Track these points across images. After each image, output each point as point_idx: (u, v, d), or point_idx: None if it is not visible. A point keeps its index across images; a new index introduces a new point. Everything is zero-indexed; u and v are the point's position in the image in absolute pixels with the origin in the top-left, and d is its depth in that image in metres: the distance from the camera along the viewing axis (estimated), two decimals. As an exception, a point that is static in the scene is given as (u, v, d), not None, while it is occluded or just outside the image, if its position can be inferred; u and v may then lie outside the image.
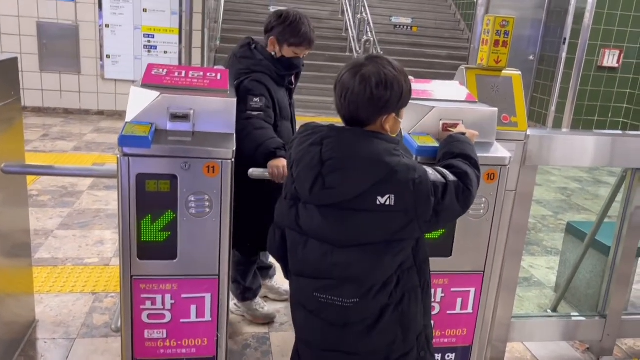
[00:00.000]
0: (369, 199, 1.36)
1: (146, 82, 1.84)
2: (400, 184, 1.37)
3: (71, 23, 7.21)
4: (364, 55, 1.50)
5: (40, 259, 3.33)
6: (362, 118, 1.43)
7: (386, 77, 1.40)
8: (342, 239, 1.42)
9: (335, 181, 1.37)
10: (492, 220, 1.90)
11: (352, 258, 1.43)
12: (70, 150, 5.79)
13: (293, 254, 1.52)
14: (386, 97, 1.41)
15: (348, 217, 1.40)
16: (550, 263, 3.85)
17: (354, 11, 10.13)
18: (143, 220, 1.70)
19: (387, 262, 1.44)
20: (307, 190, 1.41)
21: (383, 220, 1.39)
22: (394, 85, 1.41)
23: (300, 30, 2.33)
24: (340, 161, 1.37)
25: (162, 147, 1.65)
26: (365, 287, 1.45)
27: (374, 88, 1.39)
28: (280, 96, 2.41)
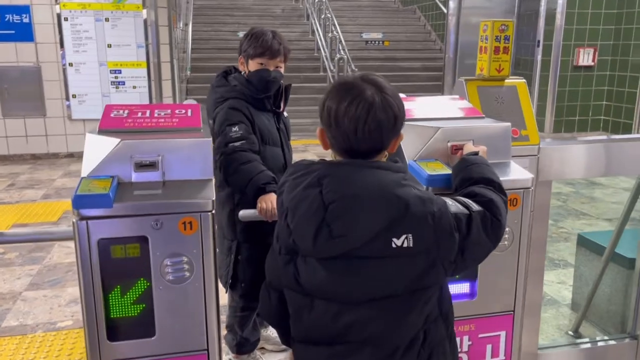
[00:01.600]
0: (382, 243, 1.15)
1: (104, 127, 1.57)
2: (417, 219, 1.16)
3: (32, 64, 6.90)
4: (346, 79, 1.27)
5: (7, 328, 2.99)
6: (384, 146, 1.25)
7: (396, 95, 1.24)
8: (354, 295, 1.21)
9: (344, 228, 1.15)
10: (519, 252, 1.65)
11: (369, 316, 1.21)
12: (39, 199, 5.44)
13: (296, 318, 1.29)
14: (404, 115, 1.25)
15: (360, 268, 1.18)
16: (560, 277, 3.62)
17: (324, 30, 10.00)
18: (111, 294, 1.41)
19: (413, 316, 1.23)
20: (310, 243, 1.17)
21: (402, 266, 1.17)
22: (401, 102, 1.25)
23: (260, 39, 2.20)
24: (346, 202, 1.15)
25: (126, 205, 1.37)
26: (388, 348, 1.24)
27: (396, 111, 1.22)
28: (262, 120, 2.25)
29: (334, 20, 9.74)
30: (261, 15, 11.18)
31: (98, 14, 6.89)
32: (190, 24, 9.69)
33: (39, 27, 6.84)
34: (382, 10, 12.52)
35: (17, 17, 6.76)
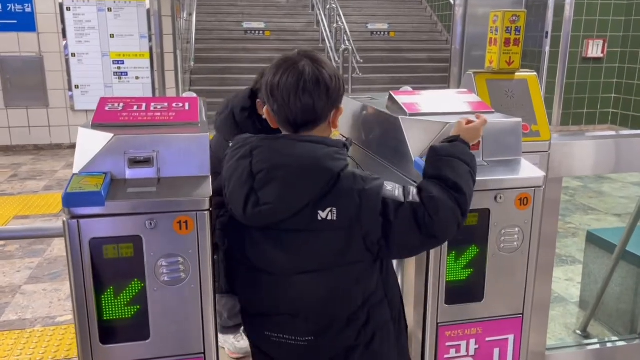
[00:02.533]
0: (309, 215, 1.22)
1: (97, 122, 1.51)
2: (343, 193, 1.21)
3: (35, 55, 6.85)
4: (285, 55, 1.35)
5: (6, 322, 2.95)
6: (318, 116, 1.29)
7: (332, 68, 1.32)
8: (287, 267, 1.28)
9: (269, 196, 1.22)
10: (529, 253, 1.58)
11: (302, 288, 1.29)
12: (40, 190, 5.41)
13: (243, 290, 1.41)
14: (338, 87, 1.31)
15: (289, 240, 1.26)
16: (568, 274, 3.55)
17: (329, 21, 9.89)
18: (103, 295, 1.36)
19: (344, 291, 1.29)
20: (240, 211, 1.26)
21: (327, 240, 1.24)
22: (337, 75, 1.32)
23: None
24: (272, 171, 1.22)
25: (119, 203, 1.31)
26: (322, 322, 1.31)
27: (328, 81, 1.28)
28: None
29: (339, 11, 9.62)
30: (266, 6, 11.06)
31: (101, 3, 6.82)
32: (194, 14, 9.60)
33: (41, 17, 6.78)
34: (387, 0, 12.37)
35: (20, 6, 6.70)
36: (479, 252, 1.57)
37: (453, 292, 1.57)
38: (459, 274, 1.57)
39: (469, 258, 1.57)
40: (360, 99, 2.12)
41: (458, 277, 1.57)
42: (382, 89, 8.88)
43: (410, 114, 1.65)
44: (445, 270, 1.54)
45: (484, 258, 1.57)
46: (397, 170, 1.66)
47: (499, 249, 1.56)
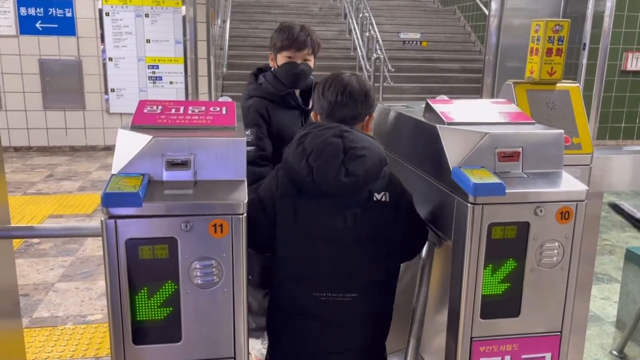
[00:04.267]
0: (366, 194, 1.52)
1: (137, 123, 1.52)
2: (394, 184, 1.58)
3: (74, 58, 7.03)
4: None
5: (39, 319, 3.01)
6: (359, 113, 1.66)
7: (367, 82, 1.73)
8: (345, 234, 1.51)
9: (357, 169, 1.49)
10: (569, 269, 1.53)
11: (356, 254, 1.53)
12: (75, 190, 5.53)
13: (295, 257, 1.55)
14: (372, 95, 1.69)
15: (348, 212, 1.51)
16: (604, 292, 3.44)
17: (361, 29, 9.90)
18: (137, 295, 1.37)
19: (383, 260, 1.57)
20: (331, 179, 1.47)
21: (380, 215, 1.53)
22: (370, 87, 1.72)
23: (287, 32, 2.19)
24: (360, 150, 1.51)
25: (156, 205, 1.32)
26: (364, 284, 1.56)
27: (368, 87, 1.68)
28: (286, 119, 2.19)
29: (371, 20, 9.62)
30: (299, 14, 11.15)
31: (138, 9, 6.98)
32: (228, 21, 9.73)
33: (81, 22, 6.96)
34: (420, 10, 12.33)
35: (60, 11, 6.90)
36: (516, 266, 1.52)
37: (489, 306, 1.52)
38: (495, 288, 1.52)
39: (506, 272, 1.52)
40: (395, 107, 2.10)
41: (494, 291, 1.52)
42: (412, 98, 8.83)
43: (448, 123, 1.62)
44: (481, 283, 1.50)
45: (521, 272, 1.52)
46: (434, 180, 1.63)
47: (537, 263, 1.51)
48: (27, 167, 6.42)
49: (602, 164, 1.94)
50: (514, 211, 1.47)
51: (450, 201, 1.52)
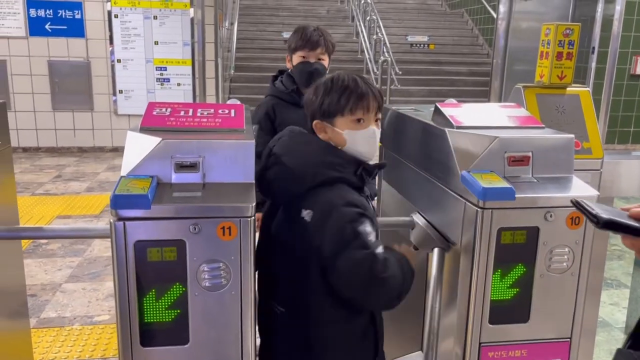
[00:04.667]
0: (296, 209, 1.44)
1: (146, 125, 1.53)
2: (322, 203, 1.41)
3: (82, 60, 7.07)
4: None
5: (46, 319, 3.02)
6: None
7: (319, 82, 1.53)
8: (275, 247, 1.54)
9: (269, 175, 1.48)
10: (579, 275, 1.52)
11: (277, 267, 1.52)
12: (83, 191, 5.55)
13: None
14: (311, 99, 1.52)
15: (284, 224, 1.50)
16: (613, 298, 3.42)
17: (368, 32, 9.89)
18: (145, 297, 1.37)
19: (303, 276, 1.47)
20: (256, 182, 1.44)
21: (302, 234, 1.43)
22: (318, 88, 1.51)
23: (301, 34, 2.27)
24: (276, 158, 1.48)
25: (165, 207, 1.32)
26: (288, 295, 1.52)
27: (310, 91, 1.55)
28: (293, 117, 2.20)
29: (379, 22, 9.61)
30: (306, 16, 11.15)
31: (147, 11, 7.01)
32: (235, 23, 9.76)
33: (90, 24, 7.00)
34: (428, 12, 12.31)
35: (70, 13, 6.94)
36: (526, 271, 1.51)
37: (497, 311, 1.52)
38: (504, 293, 1.52)
39: (515, 277, 1.52)
40: (403, 110, 2.09)
41: (503, 296, 1.52)
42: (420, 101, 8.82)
43: (457, 126, 1.61)
44: (490, 288, 1.50)
45: (531, 278, 1.51)
46: (443, 184, 1.62)
47: (547, 269, 1.50)
48: (36, 167, 6.46)
49: (612, 169, 1.93)
50: (524, 216, 1.46)
51: (459, 206, 1.52)
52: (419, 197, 1.83)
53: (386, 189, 2.23)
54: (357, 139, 1.47)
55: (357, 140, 1.47)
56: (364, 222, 1.40)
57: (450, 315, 1.60)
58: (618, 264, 3.92)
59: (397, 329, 2.24)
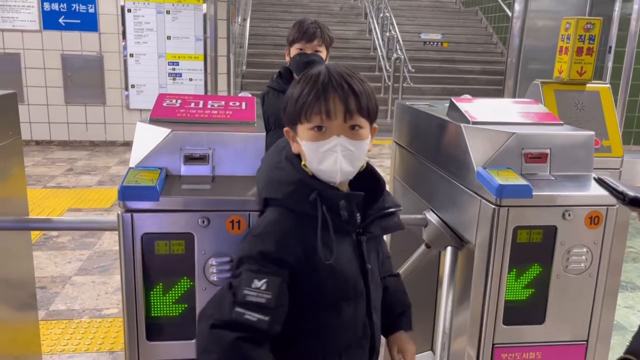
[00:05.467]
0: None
1: (155, 116, 1.51)
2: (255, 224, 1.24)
3: (95, 54, 7.08)
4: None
5: (55, 312, 3.02)
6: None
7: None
8: None
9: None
10: (597, 276, 1.47)
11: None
12: (94, 185, 5.56)
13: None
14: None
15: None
16: (628, 301, 3.35)
17: (381, 29, 9.83)
18: (152, 291, 1.35)
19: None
20: None
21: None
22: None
23: (298, 26, 2.30)
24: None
25: (173, 199, 1.29)
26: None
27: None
28: (277, 104, 2.27)
29: (392, 20, 9.54)
30: (319, 12, 11.11)
31: (160, 6, 7.00)
32: (248, 19, 9.73)
33: (103, 18, 7.01)
34: (442, 10, 12.21)
35: (83, 7, 6.95)
36: (542, 271, 1.47)
37: (512, 312, 1.48)
38: (519, 294, 1.48)
39: (530, 277, 1.48)
40: (417, 105, 2.05)
41: (518, 296, 1.48)
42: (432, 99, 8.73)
43: (474, 122, 1.58)
44: (504, 288, 1.46)
45: (547, 278, 1.47)
46: (457, 181, 1.58)
47: (564, 269, 1.46)
48: (48, 160, 6.49)
49: (632, 168, 1.88)
50: (541, 214, 1.42)
51: (474, 203, 1.48)
52: (432, 194, 1.80)
53: (398, 184, 2.20)
54: (313, 153, 1.13)
55: (314, 155, 1.14)
56: (251, 270, 1.10)
57: (462, 315, 1.56)
58: (633, 267, 3.85)
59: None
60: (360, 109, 1.14)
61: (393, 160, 2.25)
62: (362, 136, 1.15)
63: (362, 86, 1.15)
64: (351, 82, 1.14)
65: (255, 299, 1.08)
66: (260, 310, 1.08)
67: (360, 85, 1.15)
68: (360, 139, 1.15)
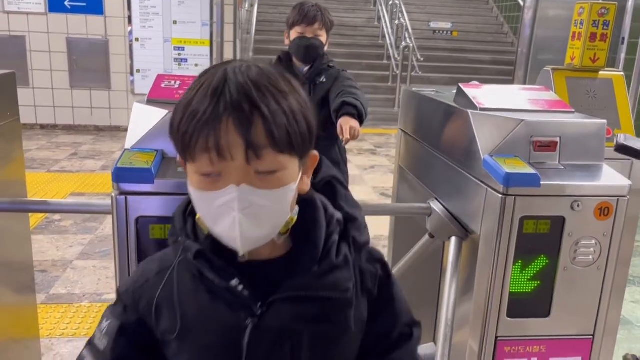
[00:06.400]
0: None
1: (153, 97, 1.47)
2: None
3: (101, 38, 7.04)
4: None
5: (55, 295, 3.01)
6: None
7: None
8: None
9: None
10: (606, 269, 1.43)
11: None
12: (98, 169, 5.55)
13: None
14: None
15: None
16: (635, 295, 3.30)
17: (390, 17, 9.72)
18: (147, 276, 1.31)
19: None
20: None
21: None
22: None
23: (299, 9, 2.25)
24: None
25: (169, 182, 1.26)
26: None
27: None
28: None
29: (401, 7, 9.43)
30: (327, 0, 11.00)
31: (166, -10, 6.94)
32: (255, 5, 9.64)
33: (109, 1, 6.96)
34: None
35: (89, -10, 6.91)
36: (548, 263, 1.42)
37: (516, 304, 1.43)
38: (524, 286, 1.43)
39: (536, 269, 1.43)
40: (424, 92, 2.00)
41: (523, 289, 1.43)
42: (440, 89, 8.65)
43: (481, 108, 1.52)
44: (509, 280, 1.41)
45: (553, 270, 1.42)
46: (463, 168, 1.53)
47: (572, 261, 1.41)
48: (53, 144, 6.48)
49: (644, 160, 1.81)
50: (549, 204, 1.38)
51: (480, 191, 1.43)
52: (437, 183, 1.75)
53: (403, 173, 2.15)
54: (204, 207, 0.78)
55: (206, 211, 0.78)
56: (108, 316, 0.91)
57: (465, 306, 1.52)
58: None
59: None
60: (274, 140, 0.73)
61: (398, 149, 2.20)
62: (279, 182, 0.76)
63: (280, 103, 0.74)
64: (259, 97, 0.72)
65: (98, 342, 0.89)
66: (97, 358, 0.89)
67: (275, 102, 0.73)
68: (276, 186, 0.75)
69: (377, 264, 0.91)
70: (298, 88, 0.79)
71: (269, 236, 0.80)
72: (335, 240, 0.84)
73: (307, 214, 0.84)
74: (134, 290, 0.89)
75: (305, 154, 0.81)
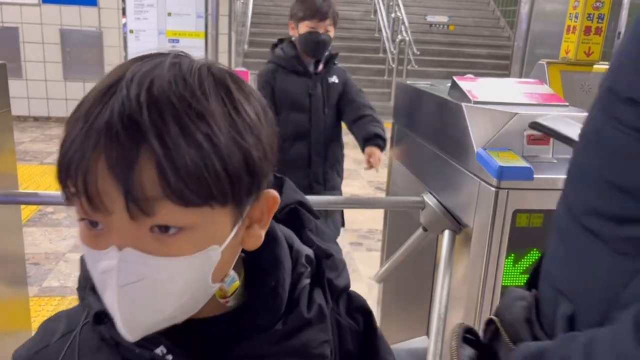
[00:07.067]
0: None
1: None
2: None
3: (95, 29, 6.99)
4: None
5: (48, 288, 3.00)
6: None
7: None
8: None
9: None
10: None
11: None
12: (92, 162, 5.53)
13: None
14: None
15: None
16: (627, 289, 3.31)
17: (387, 10, 9.69)
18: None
19: None
20: None
21: None
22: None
23: (309, 3, 2.22)
24: None
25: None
26: None
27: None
28: (292, 84, 2.26)
29: (398, 1, 9.40)
30: (323, -8, 10.95)
31: (161, -19, 6.89)
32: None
33: (103, -7, 6.92)
34: (449, -7, 12.03)
35: (83, -19, 6.85)
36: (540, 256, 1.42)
37: (508, 298, 1.43)
38: (516, 279, 1.43)
39: (529, 263, 1.43)
40: (418, 85, 1.99)
41: (515, 282, 1.43)
42: (436, 83, 8.64)
43: (475, 101, 1.51)
44: (502, 274, 1.41)
45: (546, 264, 1.42)
46: (456, 162, 1.53)
47: (564, 256, 1.41)
48: (46, 137, 6.44)
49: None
50: (542, 198, 1.37)
51: (473, 185, 1.42)
52: (431, 176, 1.74)
53: (397, 167, 2.14)
54: (89, 265, 0.54)
55: (92, 271, 0.53)
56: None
57: (456, 300, 1.52)
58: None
59: (402, 313, 2.17)
60: (170, 189, 0.46)
61: (391, 142, 2.19)
62: (188, 245, 0.50)
63: (192, 131, 0.47)
64: (150, 122, 0.46)
65: None
66: None
67: (181, 130, 0.47)
68: (182, 252, 0.49)
69: (359, 315, 0.69)
70: (246, 103, 0.53)
71: (175, 319, 0.53)
72: (305, 286, 0.60)
73: (265, 253, 0.60)
74: (28, 357, 0.62)
75: (246, 199, 0.52)
